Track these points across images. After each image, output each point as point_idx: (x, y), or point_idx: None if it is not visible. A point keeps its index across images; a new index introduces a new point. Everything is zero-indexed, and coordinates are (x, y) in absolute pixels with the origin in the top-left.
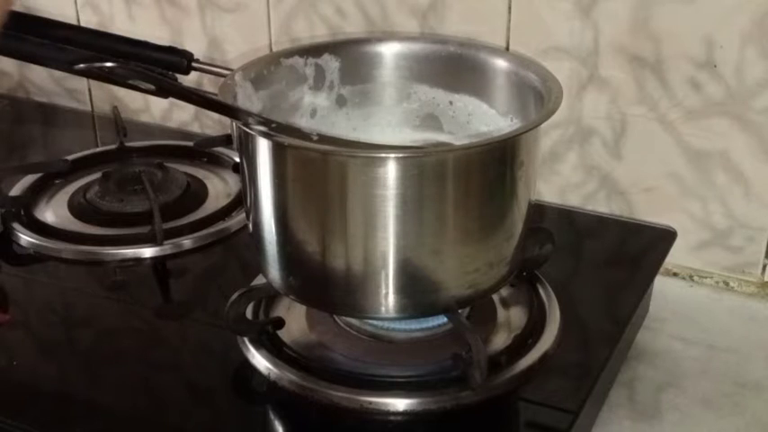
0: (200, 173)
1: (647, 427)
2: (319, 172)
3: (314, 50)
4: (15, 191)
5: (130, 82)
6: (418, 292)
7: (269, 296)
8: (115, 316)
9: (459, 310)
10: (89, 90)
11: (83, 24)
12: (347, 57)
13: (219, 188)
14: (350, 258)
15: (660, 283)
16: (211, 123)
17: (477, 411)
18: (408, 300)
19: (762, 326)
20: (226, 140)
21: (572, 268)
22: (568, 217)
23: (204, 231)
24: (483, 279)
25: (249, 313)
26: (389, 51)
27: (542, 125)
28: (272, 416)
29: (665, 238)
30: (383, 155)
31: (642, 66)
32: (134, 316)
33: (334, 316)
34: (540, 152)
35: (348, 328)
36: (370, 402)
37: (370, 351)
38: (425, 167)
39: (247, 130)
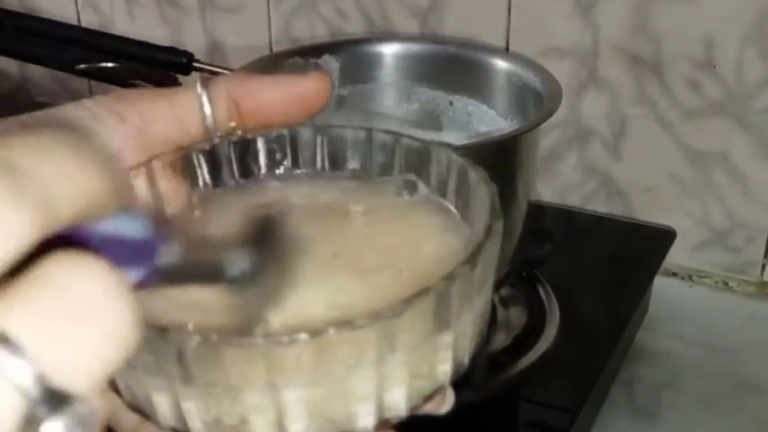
0: None
1: (646, 427)
2: None
3: (314, 50)
4: None
5: (130, 82)
6: None
7: None
8: None
9: None
10: (89, 90)
11: (83, 25)
12: (347, 57)
13: None
14: None
15: (660, 283)
16: None
17: (477, 411)
18: None
19: (762, 326)
20: None
21: (572, 268)
22: (568, 217)
23: None
24: None
25: None
26: (389, 52)
27: (542, 125)
28: None
29: (664, 238)
30: None
31: (642, 66)
32: None
33: None
34: (540, 152)
35: None
36: None
37: None
38: None
39: None
